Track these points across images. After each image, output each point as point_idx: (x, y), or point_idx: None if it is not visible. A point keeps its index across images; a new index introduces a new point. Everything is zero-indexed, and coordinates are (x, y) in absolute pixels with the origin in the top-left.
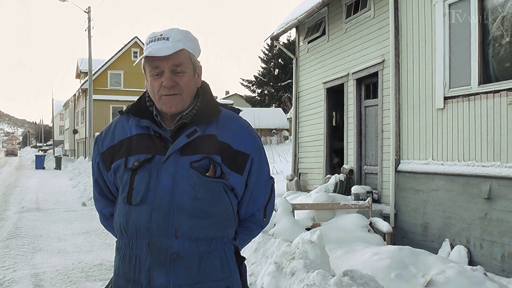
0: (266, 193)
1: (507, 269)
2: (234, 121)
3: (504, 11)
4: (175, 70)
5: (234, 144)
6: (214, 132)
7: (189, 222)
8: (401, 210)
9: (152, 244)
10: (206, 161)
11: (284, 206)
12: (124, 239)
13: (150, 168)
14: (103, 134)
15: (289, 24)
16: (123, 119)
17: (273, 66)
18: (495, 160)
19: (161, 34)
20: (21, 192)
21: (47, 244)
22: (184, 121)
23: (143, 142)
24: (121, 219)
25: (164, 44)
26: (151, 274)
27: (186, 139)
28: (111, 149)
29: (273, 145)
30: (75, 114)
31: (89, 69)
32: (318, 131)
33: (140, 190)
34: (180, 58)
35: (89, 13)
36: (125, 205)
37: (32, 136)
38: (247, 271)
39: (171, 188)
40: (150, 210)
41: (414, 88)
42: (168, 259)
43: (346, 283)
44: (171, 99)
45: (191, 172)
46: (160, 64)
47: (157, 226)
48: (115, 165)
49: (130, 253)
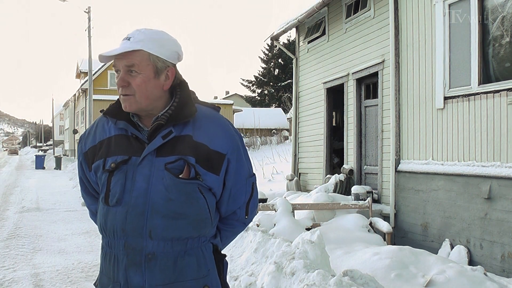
0: (246, 192)
1: (507, 269)
2: (212, 120)
3: (504, 11)
4: (128, 70)
5: (211, 144)
6: (190, 133)
7: (163, 223)
8: (401, 210)
9: (128, 244)
10: (180, 162)
11: (284, 206)
12: (105, 238)
13: (126, 170)
14: (86, 134)
15: (289, 24)
16: (104, 120)
17: (273, 66)
18: (495, 160)
19: (127, 34)
20: (21, 192)
21: (47, 244)
22: (159, 122)
23: (120, 143)
24: (101, 218)
25: (124, 44)
26: (128, 273)
27: (161, 140)
28: (93, 149)
29: (273, 145)
30: (75, 114)
31: (89, 69)
32: (318, 131)
33: (116, 191)
34: (134, 59)
35: (89, 13)
36: (104, 205)
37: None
38: (245, 271)
39: (146, 190)
40: (125, 211)
41: (414, 88)
42: (143, 259)
43: (346, 283)
44: (124, 99)
45: (165, 174)
46: (117, 63)
47: (132, 227)
48: (95, 166)
49: (110, 252)
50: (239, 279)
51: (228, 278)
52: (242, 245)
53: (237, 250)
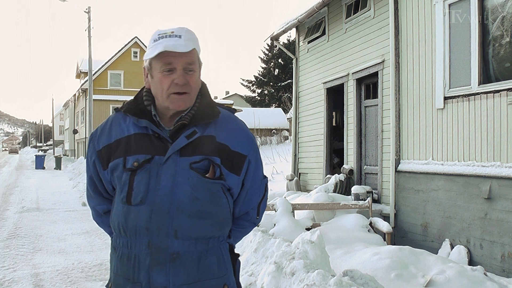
0: (260, 192)
1: (507, 269)
2: (232, 122)
3: (504, 11)
4: (187, 68)
5: (232, 145)
6: (213, 133)
7: (188, 222)
8: (401, 210)
9: (152, 244)
10: (205, 162)
11: (284, 206)
12: (122, 239)
13: (150, 169)
14: (98, 132)
15: (289, 24)
16: (119, 117)
17: (273, 66)
18: (495, 160)
19: (172, 31)
20: (21, 192)
21: (47, 244)
22: (183, 121)
23: (141, 142)
24: (120, 218)
25: (178, 41)
26: (151, 273)
27: (185, 140)
28: (108, 147)
29: (273, 145)
30: (75, 114)
31: (89, 69)
32: (318, 131)
33: (140, 190)
34: (193, 57)
35: (89, 13)
36: (124, 205)
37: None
38: (245, 271)
39: (171, 189)
40: (150, 210)
41: (414, 88)
42: (168, 258)
43: (346, 283)
44: (182, 97)
45: (191, 173)
46: (174, 61)
47: (157, 226)
48: (113, 165)
49: (128, 252)
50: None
51: None
52: (242, 245)
53: (237, 250)
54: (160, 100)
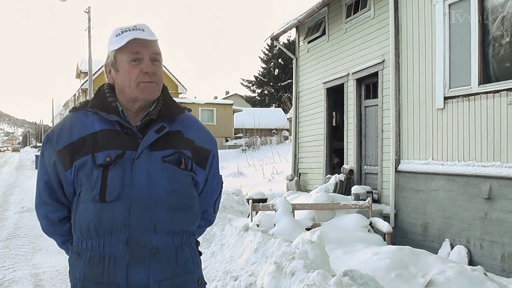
0: (218, 189)
1: (507, 269)
2: (192, 119)
3: (504, 11)
4: (153, 58)
5: (197, 140)
6: (180, 129)
7: (167, 215)
8: (401, 210)
9: (131, 240)
10: (177, 156)
11: (284, 206)
12: (93, 240)
13: (123, 164)
14: (56, 132)
15: (289, 24)
16: (80, 115)
17: (273, 66)
18: (495, 160)
19: (134, 26)
20: (21, 192)
21: (47, 244)
22: (151, 116)
23: (109, 138)
24: (91, 218)
25: (143, 33)
26: (130, 271)
27: (155, 134)
28: (70, 146)
29: (273, 145)
30: None
31: (89, 69)
32: (318, 131)
33: (115, 186)
34: (158, 48)
35: (89, 13)
36: (96, 203)
37: (32, 136)
38: (245, 271)
39: (147, 183)
40: (128, 205)
41: (414, 88)
42: (147, 254)
43: (346, 283)
44: (151, 86)
45: (166, 166)
46: (141, 50)
47: (137, 221)
48: (80, 163)
49: (100, 253)
50: (239, 279)
51: (228, 278)
52: (242, 245)
53: (237, 250)
54: (127, 92)
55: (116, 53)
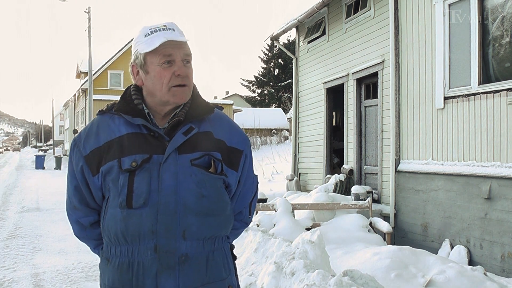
0: (252, 190)
1: (507, 269)
2: (224, 118)
3: (504, 11)
4: (185, 60)
5: (228, 141)
6: (209, 129)
7: (196, 221)
8: (401, 210)
9: (160, 247)
10: (205, 159)
11: (284, 206)
12: (121, 246)
13: (150, 169)
14: (83, 136)
15: (289, 24)
16: (106, 119)
17: (273, 66)
18: (495, 160)
19: (164, 25)
20: (21, 192)
21: (47, 244)
22: (179, 118)
23: (136, 141)
24: (119, 224)
25: (174, 33)
26: (159, 279)
27: (183, 136)
28: (97, 151)
29: (273, 145)
30: (75, 114)
31: (89, 69)
32: (318, 131)
33: (142, 192)
34: (189, 49)
35: (89, 13)
36: (123, 209)
37: (32, 136)
38: (245, 271)
39: (175, 188)
40: (155, 212)
41: (414, 88)
42: (177, 261)
43: (346, 283)
44: (183, 90)
45: (194, 170)
46: (173, 52)
47: (165, 228)
48: (106, 168)
49: (129, 260)
50: (239, 279)
51: None
52: (242, 245)
53: (237, 250)
54: (158, 95)
55: (146, 55)
